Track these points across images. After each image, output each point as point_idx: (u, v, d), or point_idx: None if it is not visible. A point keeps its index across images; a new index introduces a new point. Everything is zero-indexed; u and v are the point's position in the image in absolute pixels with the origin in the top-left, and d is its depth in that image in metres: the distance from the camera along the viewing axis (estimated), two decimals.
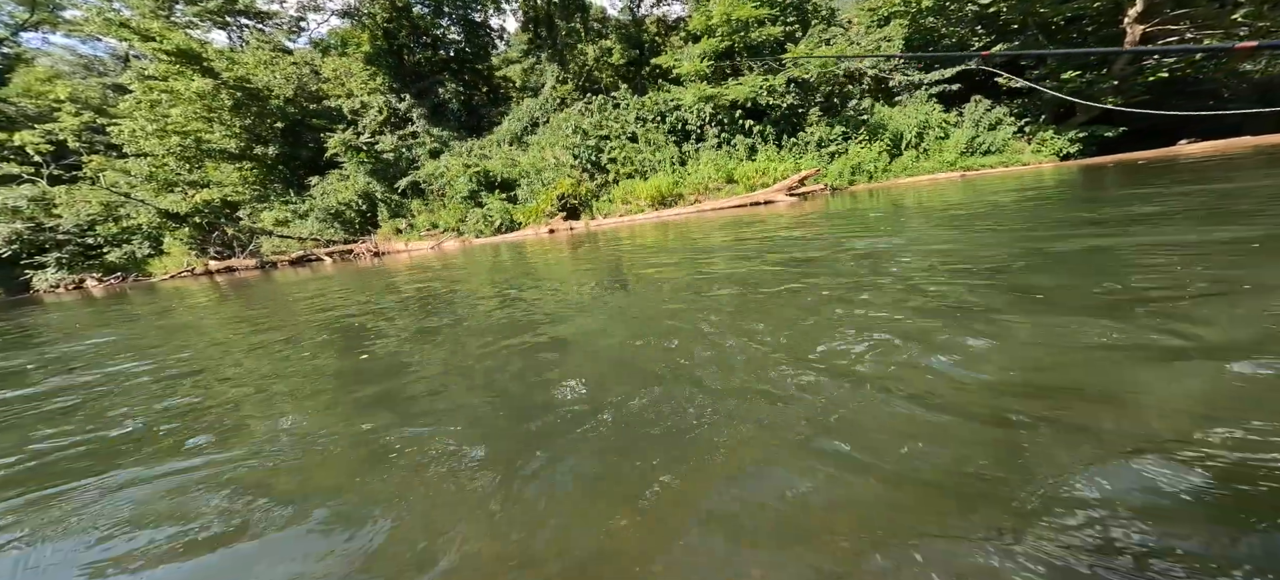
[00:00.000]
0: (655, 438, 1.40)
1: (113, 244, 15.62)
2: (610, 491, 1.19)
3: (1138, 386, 1.35)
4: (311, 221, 14.69)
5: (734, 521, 1.04)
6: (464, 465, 1.39)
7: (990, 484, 1.05)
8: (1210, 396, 1.26)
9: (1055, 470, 1.06)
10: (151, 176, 15.34)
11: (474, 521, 1.15)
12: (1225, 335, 1.56)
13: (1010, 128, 13.74)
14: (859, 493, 1.08)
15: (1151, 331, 1.65)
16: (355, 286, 6.30)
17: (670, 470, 1.23)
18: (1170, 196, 4.64)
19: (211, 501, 1.38)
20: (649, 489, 1.16)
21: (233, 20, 19.46)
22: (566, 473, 1.29)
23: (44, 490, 1.57)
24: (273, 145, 16.52)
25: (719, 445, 1.32)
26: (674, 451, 1.32)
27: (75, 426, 2.13)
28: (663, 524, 1.05)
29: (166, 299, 8.12)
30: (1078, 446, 1.13)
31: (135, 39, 14.87)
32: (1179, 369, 1.41)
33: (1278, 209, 3.40)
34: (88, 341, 4.53)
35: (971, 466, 1.11)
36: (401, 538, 1.13)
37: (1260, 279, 2.00)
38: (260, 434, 1.83)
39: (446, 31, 18.26)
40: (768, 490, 1.12)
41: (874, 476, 1.12)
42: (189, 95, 14.61)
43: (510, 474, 1.31)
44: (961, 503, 1.01)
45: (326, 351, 3.01)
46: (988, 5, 13.64)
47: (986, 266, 2.81)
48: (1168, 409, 1.23)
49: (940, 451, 1.17)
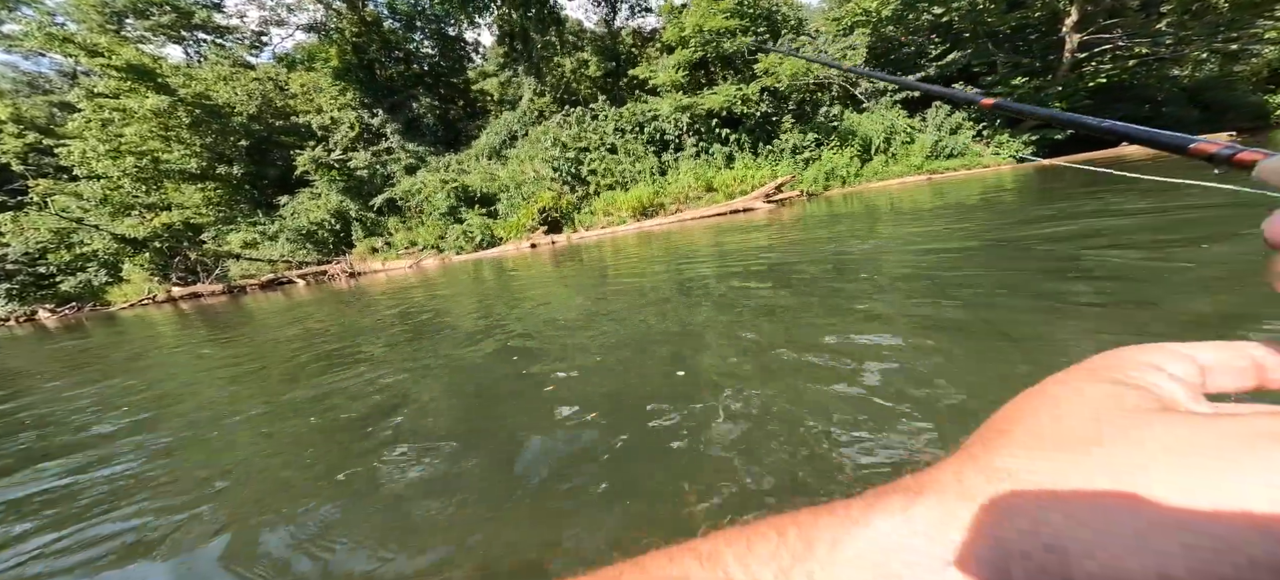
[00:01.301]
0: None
1: (66, 272, 14.73)
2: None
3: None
4: (282, 243, 14.22)
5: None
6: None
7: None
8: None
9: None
10: (106, 199, 14.58)
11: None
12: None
13: (970, 131, 14.55)
14: None
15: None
16: (333, 315, 6.18)
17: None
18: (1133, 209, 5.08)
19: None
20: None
21: (189, 34, 18.70)
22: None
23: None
24: (237, 164, 15.93)
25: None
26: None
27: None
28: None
29: (126, 329, 7.76)
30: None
31: (82, 55, 14.15)
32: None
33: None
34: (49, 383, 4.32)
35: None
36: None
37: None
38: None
39: (419, 45, 18.05)
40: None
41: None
42: (143, 113, 13.98)
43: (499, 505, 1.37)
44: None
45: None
46: (941, 15, 14.45)
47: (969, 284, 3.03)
48: None
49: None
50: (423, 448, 1.91)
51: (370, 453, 1.92)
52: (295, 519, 1.50)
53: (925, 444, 1.44)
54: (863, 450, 1.42)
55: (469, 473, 1.65)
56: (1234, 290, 2.17)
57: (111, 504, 1.85)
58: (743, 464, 1.43)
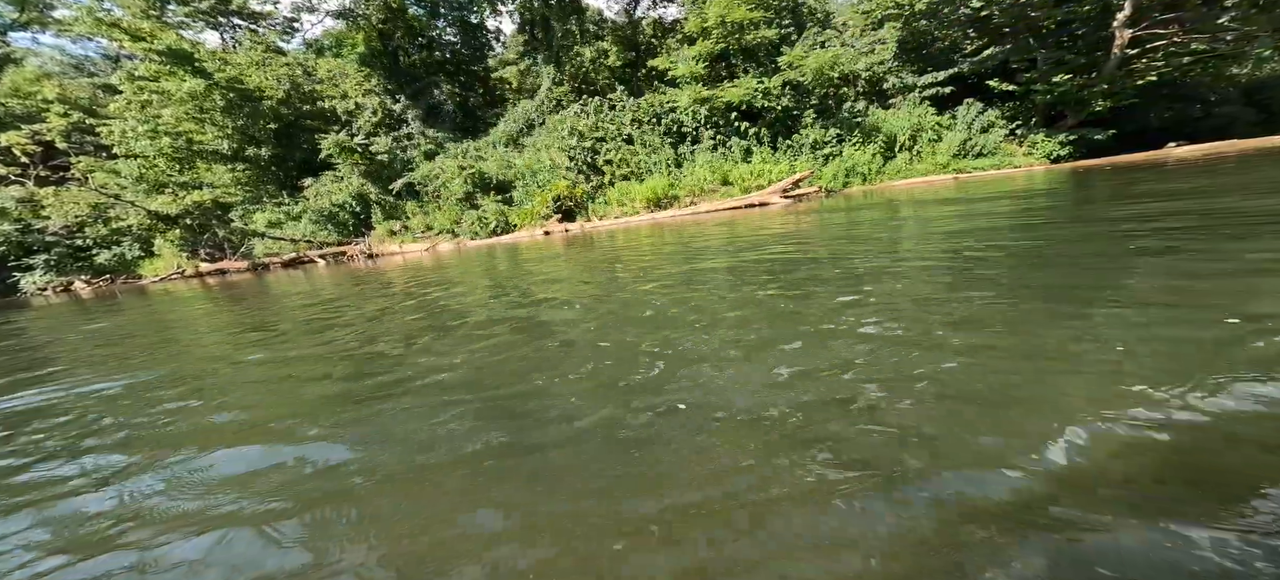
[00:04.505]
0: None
1: (102, 246, 15.43)
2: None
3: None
4: (304, 223, 14.57)
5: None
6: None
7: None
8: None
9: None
10: (141, 178, 15.17)
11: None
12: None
13: (1002, 130, 13.86)
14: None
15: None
16: (349, 289, 6.24)
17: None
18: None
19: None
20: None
21: (226, 21, 19.31)
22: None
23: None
24: (265, 146, 16.38)
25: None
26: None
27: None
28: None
29: (157, 301, 8.02)
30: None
31: (126, 39, 14.73)
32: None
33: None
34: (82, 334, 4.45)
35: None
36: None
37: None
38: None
39: (442, 33, 18.22)
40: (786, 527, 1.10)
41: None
42: (180, 96, 14.47)
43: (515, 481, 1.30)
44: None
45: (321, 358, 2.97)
46: (980, 8, 13.77)
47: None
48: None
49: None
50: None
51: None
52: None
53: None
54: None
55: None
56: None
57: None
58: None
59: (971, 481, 1.06)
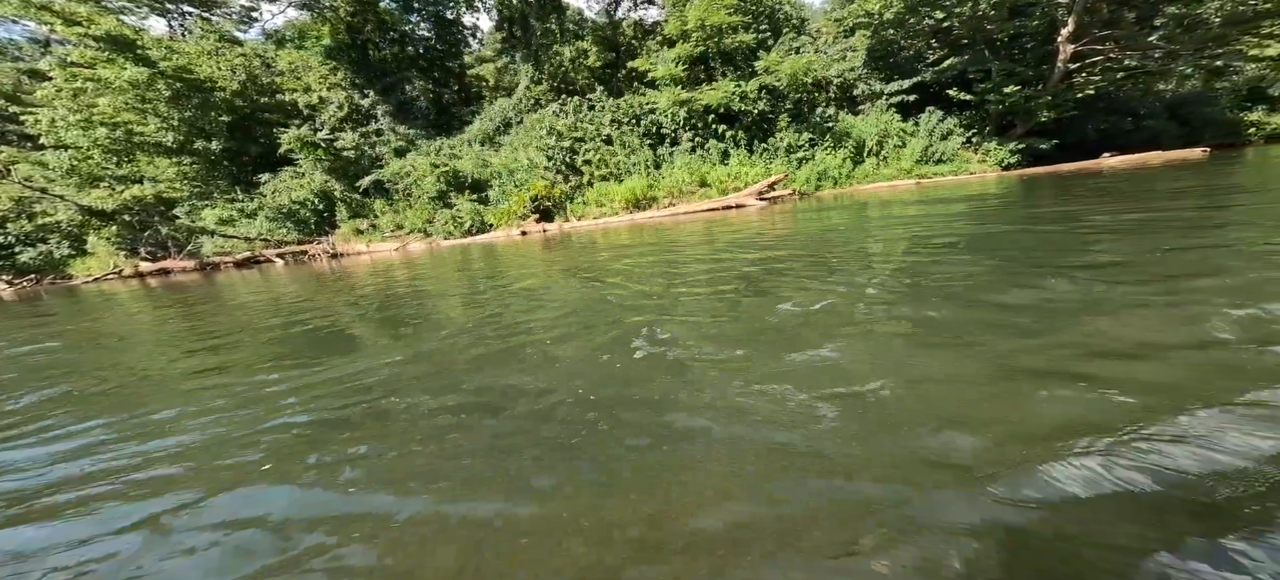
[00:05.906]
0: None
1: (26, 243, 13.97)
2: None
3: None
4: (261, 221, 13.68)
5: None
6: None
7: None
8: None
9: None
10: (73, 170, 13.85)
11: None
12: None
13: (959, 138, 14.67)
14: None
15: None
16: (309, 289, 5.85)
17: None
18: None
19: None
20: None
21: (173, 7, 18.02)
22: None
23: None
24: (217, 139, 15.31)
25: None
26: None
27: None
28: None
29: (89, 303, 7.27)
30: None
31: (59, 23, 13.49)
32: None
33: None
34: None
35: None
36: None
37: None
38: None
39: (415, 27, 17.65)
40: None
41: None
42: (119, 84, 13.34)
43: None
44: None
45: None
46: (942, 20, 14.57)
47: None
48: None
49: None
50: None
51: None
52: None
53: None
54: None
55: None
56: None
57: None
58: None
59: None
